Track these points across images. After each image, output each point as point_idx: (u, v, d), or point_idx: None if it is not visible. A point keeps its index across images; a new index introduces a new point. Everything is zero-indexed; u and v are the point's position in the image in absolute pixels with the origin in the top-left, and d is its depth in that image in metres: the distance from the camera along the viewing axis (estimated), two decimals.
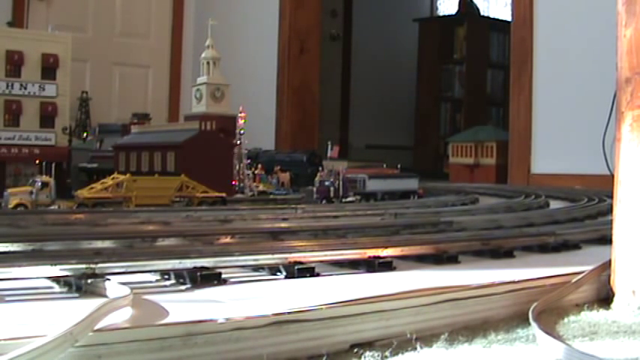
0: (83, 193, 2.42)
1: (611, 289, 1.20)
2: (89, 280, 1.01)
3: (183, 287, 1.08)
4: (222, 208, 2.47)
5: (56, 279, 1.04)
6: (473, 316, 1.06)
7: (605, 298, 1.20)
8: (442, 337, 0.94)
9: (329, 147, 3.28)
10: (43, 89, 3.05)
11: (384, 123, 7.56)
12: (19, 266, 1.01)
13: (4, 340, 0.71)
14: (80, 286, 1.00)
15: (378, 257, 1.28)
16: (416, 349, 0.90)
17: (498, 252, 1.46)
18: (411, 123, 7.46)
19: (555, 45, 4.21)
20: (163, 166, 2.99)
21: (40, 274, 1.02)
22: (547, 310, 1.10)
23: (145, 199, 2.46)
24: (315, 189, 2.92)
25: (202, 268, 1.11)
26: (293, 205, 2.51)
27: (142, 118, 4.19)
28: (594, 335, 1.00)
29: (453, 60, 7.18)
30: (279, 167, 3.50)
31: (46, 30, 3.49)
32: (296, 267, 1.18)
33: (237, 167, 3.10)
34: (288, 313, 0.88)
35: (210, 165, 2.89)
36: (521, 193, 3.15)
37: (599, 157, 3.66)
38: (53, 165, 2.58)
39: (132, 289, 0.92)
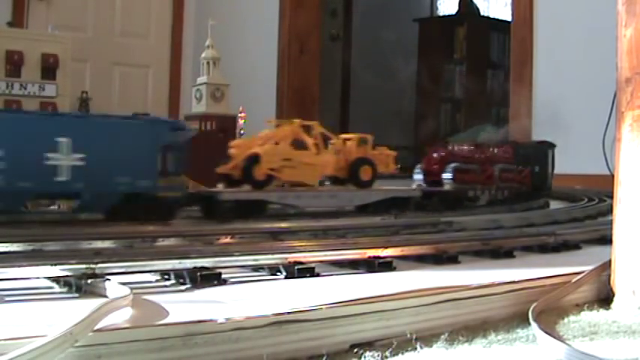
0: None
1: (611, 289, 1.20)
2: (89, 280, 1.01)
3: (183, 287, 1.07)
4: None
5: (56, 279, 1.04)
6: (473, 316, 1.06)
7: (605, 298, 1.20)
8: (442, 337, 0.94)
9: None
10: (43, 89, 3.05)
11: (384, 123, 7.55)
12: (19, 266, 1.01)
13: (4, 340, 0.71)
14: (80, 286, 1.00)
15: (378, 257, 1.28)
16: (416, 349, 0.90)
17: (498, 252, 1.46)
18: (411, 123, 7.45)
19: (555, 45, 4.20)
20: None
21: (40, 274, 1.02)
22: (547, 310, 1.10)
23: None
24: None
25: (202, 268, 1.11)
26: None
27: None
28: (594, 335, 1.00)
29: (453, 60, 7.17)
30: None
31: (46, 30, 3.48)
32: (296, 267, 1.18)
33: None
34: (288, 313, 0.88)
35: (209, 165, 2.88)
36: None
37: (599, 157, 3.66)
38: None
39: (132, 289, 0.92)
